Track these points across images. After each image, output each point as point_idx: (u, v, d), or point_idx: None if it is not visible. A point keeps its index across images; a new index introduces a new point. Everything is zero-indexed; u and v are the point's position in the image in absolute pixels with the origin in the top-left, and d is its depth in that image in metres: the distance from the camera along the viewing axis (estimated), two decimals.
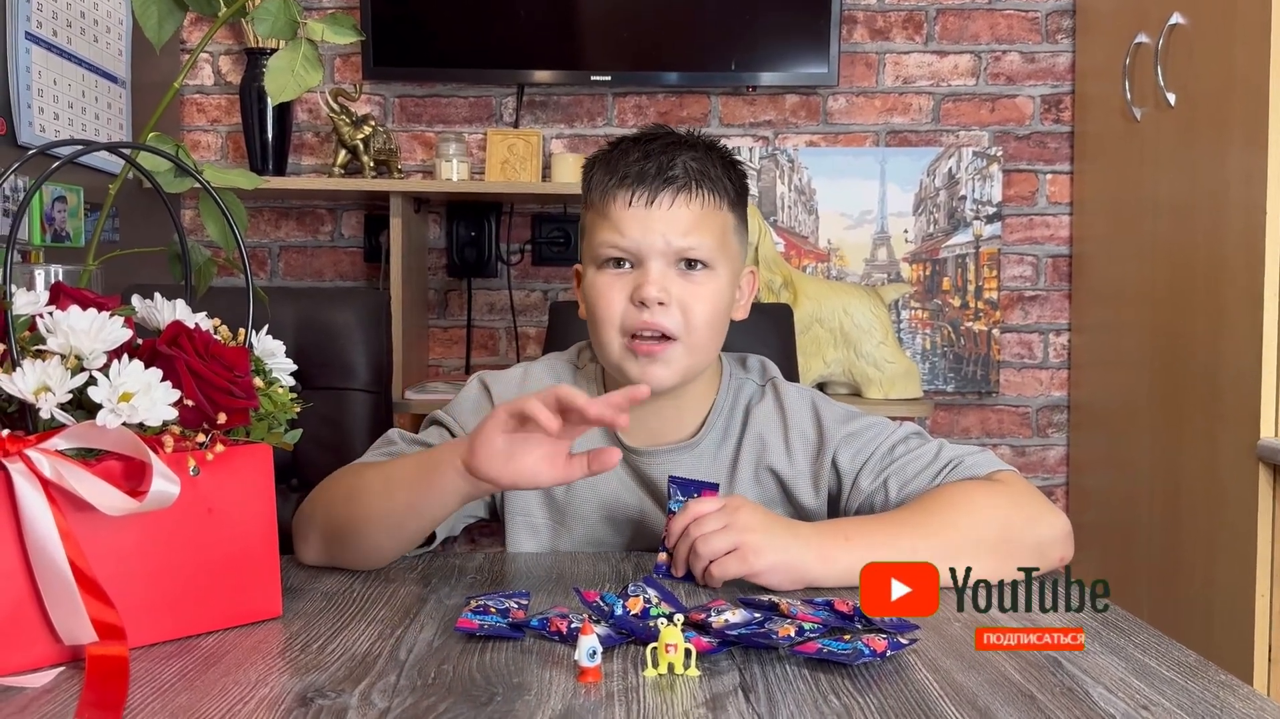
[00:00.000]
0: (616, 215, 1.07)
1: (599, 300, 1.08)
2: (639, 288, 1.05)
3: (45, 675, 0.74)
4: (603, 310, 1.07)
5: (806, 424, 1.13)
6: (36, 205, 1.81)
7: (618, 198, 1.07)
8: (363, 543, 1.00)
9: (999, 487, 1.03)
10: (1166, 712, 0.68)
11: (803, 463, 1.12)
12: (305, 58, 0.96)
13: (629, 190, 1.06)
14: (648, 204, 1.06)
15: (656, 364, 1.06)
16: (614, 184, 1.07)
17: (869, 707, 0.69)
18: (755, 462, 1.13)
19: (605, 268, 1.08)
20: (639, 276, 1.06)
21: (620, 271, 1.07)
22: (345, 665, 0.76)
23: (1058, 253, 2.61)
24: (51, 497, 0.74)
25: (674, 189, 1.06)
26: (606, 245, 1.07)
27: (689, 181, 1.07)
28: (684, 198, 1.07)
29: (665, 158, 1.07)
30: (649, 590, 0.85)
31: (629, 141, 1.11)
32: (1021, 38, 2.58)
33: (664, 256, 1.06)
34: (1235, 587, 1.81)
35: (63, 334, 0.76)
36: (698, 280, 1.07)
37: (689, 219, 1.07)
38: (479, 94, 2.58)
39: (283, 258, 2.61)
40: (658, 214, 1.06)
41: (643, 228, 1.06)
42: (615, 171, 1.08)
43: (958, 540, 0.95)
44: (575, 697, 0.70)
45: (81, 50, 2.04)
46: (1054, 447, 2.63)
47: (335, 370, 1.57)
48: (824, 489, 1.12)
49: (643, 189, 1.06)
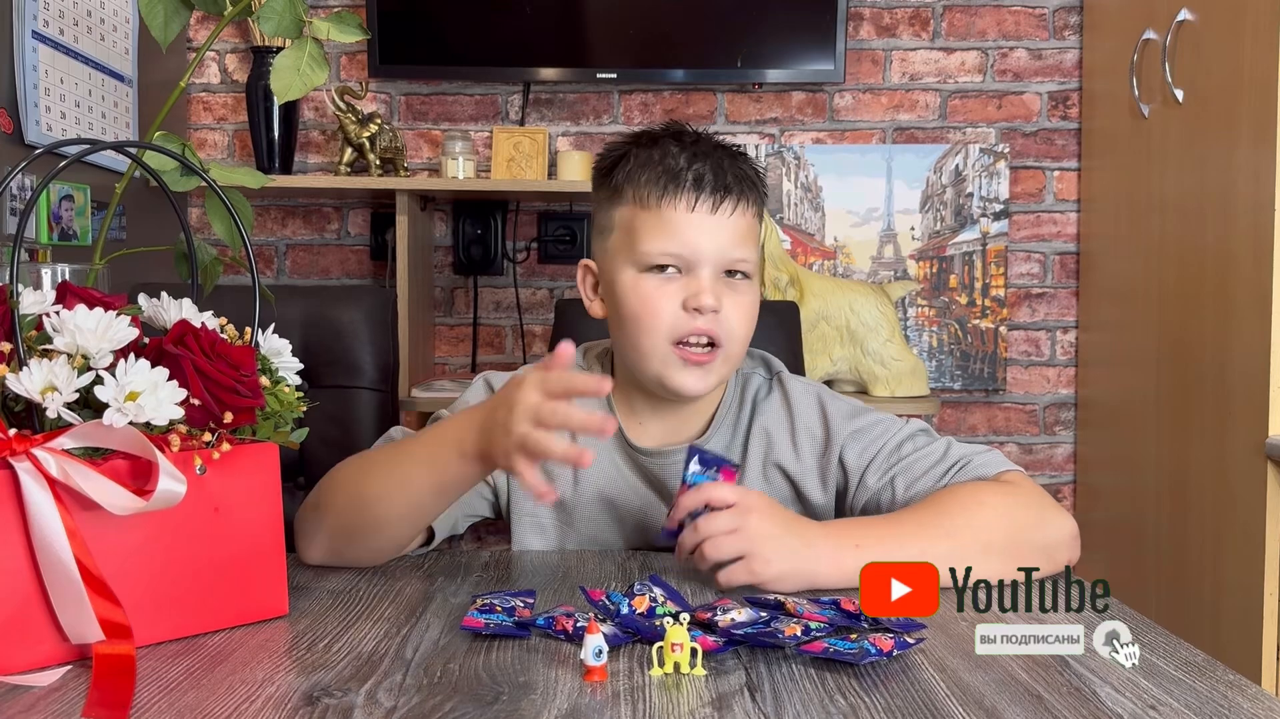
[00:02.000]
0: (677, 220, 1.04)
1: (644, 306, 1.05)
2: (694, 295, 1.03)
3: (52, 674, 0.74)
4: (649, 317, 1.05)
5: (813, 420, 1.12)
6: (44, 204, 1.81)
7: (679, 202, 1.04)
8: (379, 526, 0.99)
9: (1007, 488, 1.02)
10: (1174, 711, 0.68)
11: (810, 460, 1.12)
12: (311, 56, 0.96)
13: (692, 194, 1.04)
14: (711, 210, 1.04)
15: (700, 372, 1.05)
16: (672, 186, 1.04)
17: (875, 706, 0.68)
18: (763, 458, 1.13)
19: (652, 272, 1.05)
20: (691, 284, 1.04)
21: (669, 277, 1.05)
22: (351, 664, 0.76)
23: (1065, 250, 2.60)
24: (58, 496, 0.74)
25: (734, 198, 1.05)
26: (658, 252, 1.04)
27: (742, 190, 1.06)
28: (742, 207, 1.06)
29: (712, 161, 1.06)
30: (655, 589, 0.85)
31: (667, 139, 1.08)
32: (1029, 34, 2.58)
33: (715, 265, 1.05)
34: (1243, 585, 1.81)
35: (69, 333, 0.76)
36: (741, 290, 1.06)
37: (741, 228, 1.06)
38: (485, 92, 2.58)
39: (289, 256, 2.61)
40: (721, 222, 1.05)
41: (698, 233, 1.04)
42: (669, 172, 1.05)
43: (967, 543, 0.94)
44: (581, 696, 0.70)
45: (88, 49, 2.04)
46: (1061, 444, 2.62)
47: (342, 369, 1.57)
48: (832, 485, 1.11)
49: (706, 195, 1.04)
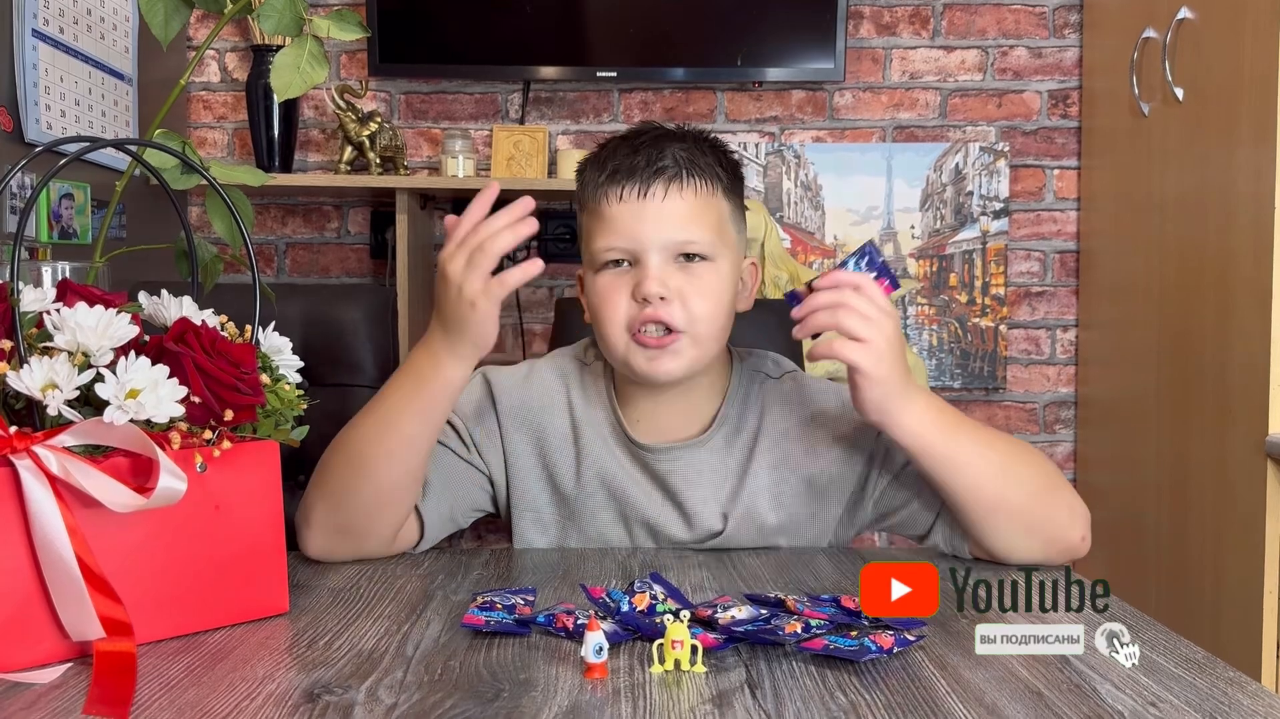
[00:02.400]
0: (610, 213, 1.05)
1: (601, 303, 1.06)
2: (639, 284, 1.04)
3: (53, 672, 0.74)
4: (606, 311, 1.06)
5: (832, 417, 1.12)
6: (44, 202, 1.81)
7: (609, 194, 1.05)
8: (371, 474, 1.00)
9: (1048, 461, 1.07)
10: (1174, 708, 0.68)
11: (826, 457, 1.11)
12: (311, 54, 0.96)
13: (619, 185, 1.05)
14: (640, 197, 1.04)
15: (665, 355, 1.05)
16: (604, 180, 1.06)
17: (876, 703, 0.68)
18: (774, 457, 1.12)
19: (605, 270, 1.07)
20: (638, 273, 1.05)
21: (620, 271, 1.06)
22: (352, 661, 0.76)
23: (1065, 248, 2.60)
24: (59, 493, 0.74)
25: (665, 179, 1.04)
26: (603, 249, 1.06)
27: (679, 171, 1.05)
28: (676, 188, 1.05)
29: (653, 150, 1.06)
30: (655, 587, 0.85)
31: (617, 140, 1.10)
32: (1029, 33, 2.58)
33: (662, 251, 1.04)
34: (1243, 583, 1.81)
35: (70, 331, 0.76)
36: (698, 273, 1.05)
37: (684, 210, 1.05)
38: (485, 90, 2.58)
39: (289, 255, 2.61)
40: (651, 207, 1.04)
41: (636, 222, 1.04)
42: (604, 169, 1.07)
43: (1015, 463, 1.01)
44: (581, 693, 0.70)
45: (88, 48, 2.04)
46: (1061, 443, 2.62)
47: (342, 367, 1.57)
48: (849, 486, 1.11)
49: (633, 182, 1.04)
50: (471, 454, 1.12)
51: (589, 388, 1.15)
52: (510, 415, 1.13)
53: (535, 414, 1.14)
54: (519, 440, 1.13)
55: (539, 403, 1.14)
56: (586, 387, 1.15)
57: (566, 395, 1.15)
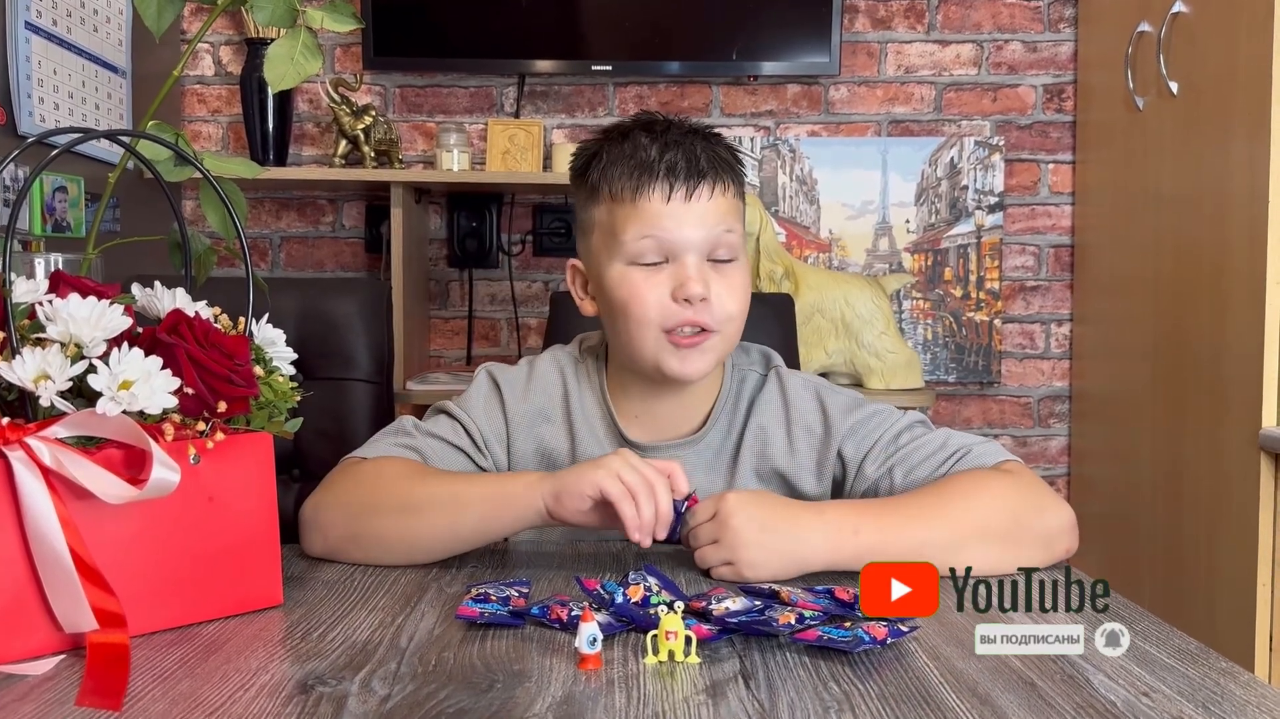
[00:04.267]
0: (654, 212, 1.04)
1: (633, 299, 1.05)
2: (681, 285, 1.03)
3: (46, 663, 0.74)
4: (638, 309, 1.05)
5: (811, 416, 1.12)
6: (37, 195, 1.81)
7: (654, 193, 1.04)
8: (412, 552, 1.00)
9: (1008, 477, 1.03)
10: (1167, 698, 0.68)
11: (806, 455, 1.12)
12: (305, 45, 0.95)
13: (666, 184, 1.04)
14: (686, 198, 1.04)
15: (695, 355, 1.05)
16: (645, 178, 1.04)
17: (869, 694, 0.69)
18: (757, 454, 1.12)
19: (636, 265, 1.05)
20: (677, 273, 1.04)
21: (655, 267, 1.05)
22: (346, 653, 0.76)
23: (1060, 243, 2.61)
24: (52, 485, 0.74)
25: (710, 182, 1.05)
26: (642, 245, 1.04)
27: (718, 173, 1.06)
28: (719, 189, 1.06)
29: (687, 149, 1.05)
30: (649, 578, 0.85)
31: (637, 131, 1.08)
32: (1024, 27, 2.58)
33: (700, 250, 1.05)
34: (1237, 575, 1.81)
35: (62, 322, 0.76)
36: (728, 273, 1.06)
37: (722, 211, 1.06)
38: (480, 84, 2.57)
39: (284, 249, 2.61)
40: (697, 208, 1.04)
41: (681, 221, 1.04)
42: (641, 165, 1.05)
43: (966, 530, 0.96)
44: (576, 684, 0.70)
45: (81, 40, 2.04)
46: (1056, 437, 2.63)
47: (337, 361, 1.56)
48: (828, 478, 1.11)
49: (680, 183, 1.04)
50: (483, 457, 1.12)
51: (584, 386, 1.15)
52: (516, 416, 1.14)
53: (538, 414, 1.14)
54: (522, 440, 1.14)
55: (540, 403, 1.14)
56: (582, 385, 1.15)
57: (564, 395, 1.15)
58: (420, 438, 1.10)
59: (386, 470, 1.05)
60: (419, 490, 1.01)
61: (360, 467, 1.06)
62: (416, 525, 0.99)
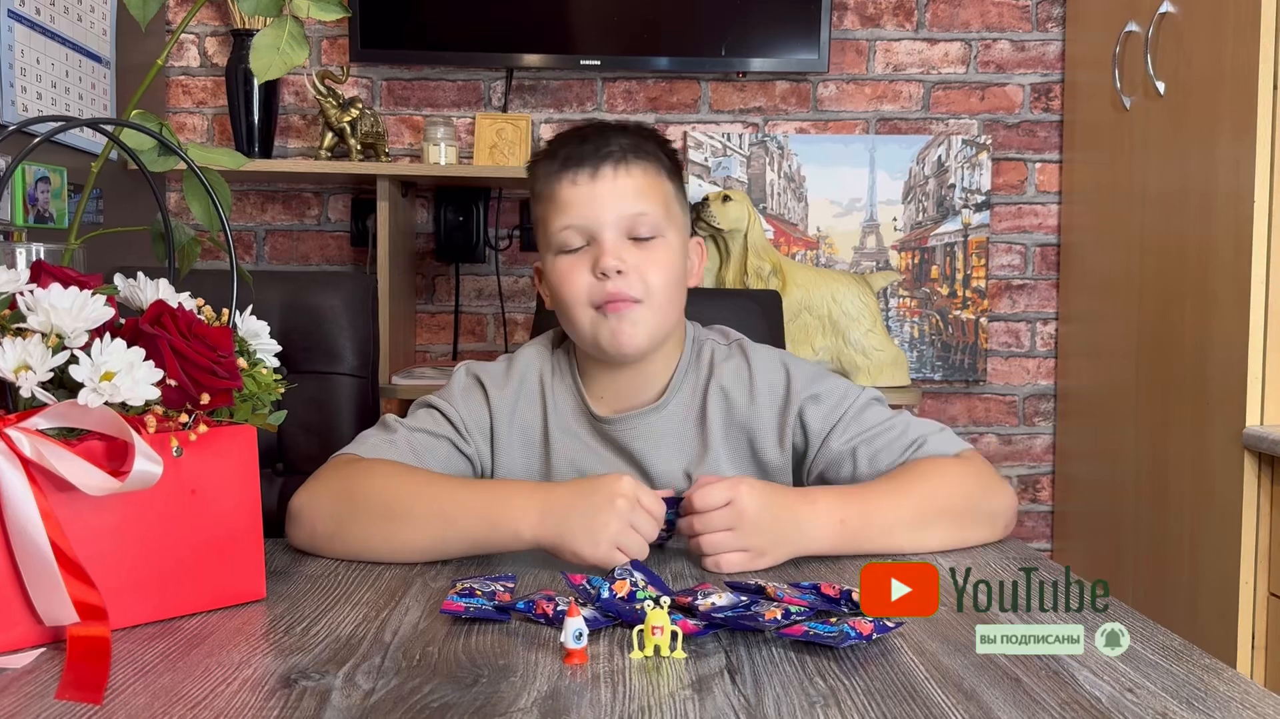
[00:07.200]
0: (565, 196, 1.12)
1: (563, 283, 1.12)
2: (598, 261, 1.10)
3: (26, 656, 0.73)
4: (568, 291, 1.12)
5: (775, 378, 1.17)
6: (19, 185, 1.79)
7: (563, 180, 1.12)
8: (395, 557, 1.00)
9: (965, 463, 1.12)
10: (1151, 694, 0.68)
11: (768, 416, 1.16)
12: (291, 35, 0.95)
13: (573, 170, 1.12)
14: (591, 178, 1.11)
15: (625, 323, 1.10)
16: (556, 169, 1.13)
17: (855, 689, 0.68)
18: (723, 418, 1.16)
19: (563, 253, 1.12)
20: (595, 252, 1.11)
21: (579, 252, 1.12)
22: (329, 647, 0.75)
23: (1046, 242, 2.61)
24: (32, 476, 0.73)
25: (614, 162, 1.12)
26: (560, 229, 1.12)
27: (625, 154, 1.13)
28: (624, 169, 1.12)
29: (599, 139, 1.13)
30: (635, 574, 0.85)
31: (565, 134, 1.18)
32: (1012, 26, 2.58)
33: (616, 228, 1.11)
34: (1221, 573, 1.82)
35: (43, 312, 0.75)
36: (651, 248, 1.12)
37: (633, 187, 1.12)
38: (467, 78, 2.56)
39: (269, 242, 2.59)
40: (603, 186, 1.11)
41: (590, 201, 1.11)
42: (556, 158, 1.14)
43: (928, 508, 1.06)
44: (561, 678, 0.70)
45: (65, 29, 2.02)
46: (1040, 435, 2.63)
47: (322, 355, 1.55)
48: (789, 444, 1.15)
49: (585, 166, 1.12)
50: (466, 444, 1.16)
51: (558, 374, 1.20)
52: (499, 403, 1.18)
53: (518, 407, 1.18)
54: (504, 433, 1.18)
55: (519, 396, 1.19)
56: (555, 373, 1.20)
57: (540, 384, 1.20)
58: (409, 434, 1.13)
59: (378, 471, 1.06)
60: (407, 498, 1.01)
61: (352, 465, 1.07)
62: (401, 533, 1.00)
